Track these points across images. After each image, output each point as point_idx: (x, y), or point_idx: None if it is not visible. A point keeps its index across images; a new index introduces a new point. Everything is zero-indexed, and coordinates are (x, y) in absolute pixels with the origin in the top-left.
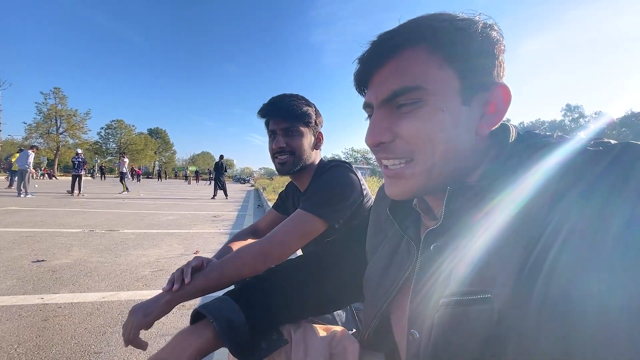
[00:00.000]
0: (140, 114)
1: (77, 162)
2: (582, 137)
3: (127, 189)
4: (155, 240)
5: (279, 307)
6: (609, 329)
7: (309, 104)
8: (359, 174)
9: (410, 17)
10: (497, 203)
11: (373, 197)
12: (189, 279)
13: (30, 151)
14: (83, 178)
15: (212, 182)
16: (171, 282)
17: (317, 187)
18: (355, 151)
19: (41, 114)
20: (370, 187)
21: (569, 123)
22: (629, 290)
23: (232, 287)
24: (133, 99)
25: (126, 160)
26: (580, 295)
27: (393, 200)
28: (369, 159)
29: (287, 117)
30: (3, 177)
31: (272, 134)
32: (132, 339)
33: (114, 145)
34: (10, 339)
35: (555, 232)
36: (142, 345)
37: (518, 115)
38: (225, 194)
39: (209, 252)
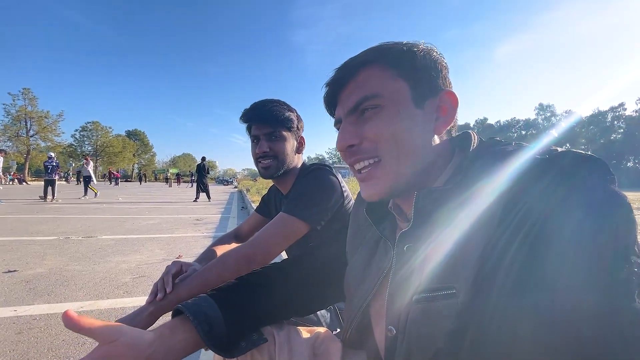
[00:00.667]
0: (117, 115)
1: (50, 167)
2: (535, 145)
3: (95, 192)
4: (135, 246)
5: (259, 308)
6: (556, 324)
7: (290, 109)
8: (339, 176)
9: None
10: (460, 205)
11: (354, 198)
12: (171, 287)
13: None
14: (57, 183)
15: (194, 185)
16: (154, 292)
17: (298, 190)
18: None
19: (9, 116)
20: (352, 188)
21: (541, 121)
22: (573, 290)
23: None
24: (110, 100)
25: (90, 162)
26: (528, 292)
27: (370, 202)
28: None
29: (269, 122)
30: None
31: (255, 139)
32: None
33: (89, 147)
34: None
35: (508, 232)
36: None
37: (495, 114)
38: (208, 197)
39: (191, 256)
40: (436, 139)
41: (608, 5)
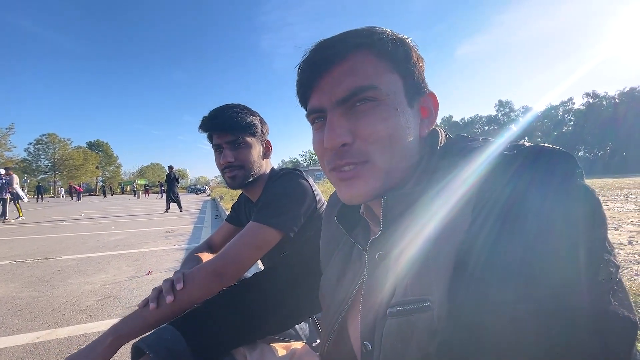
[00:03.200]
0: (76, 126)
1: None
2: (502, 140)
3: (19, 213)
4: (100, 264)
5: (229, 331)
6: (520, 333)
7: (252, 113)
8: (310, 180)
9: (351, 25)
10: (429, 208)
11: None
12: (172, 297)
13: None
14: (9, 202)
15: (164, 195)
16: (146, 300)
17: (268, 197)
18: (312, 153)
19: None
20: (328, 189)
21: (502, 117)
22: (553, 293)
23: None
24: (67, 111)
25: (14, 176)
26: (493, 300)
27: (341, 209)
28: None
29: (231, 129)
30: None
31: (217, 148)
32: None
33: (46, 162)
34: None
35: (480, 234)
36: None
37: (459, 111)
38: (179, 207)
39: (162, 271)
40: (419, 142)
41: (555, 8)
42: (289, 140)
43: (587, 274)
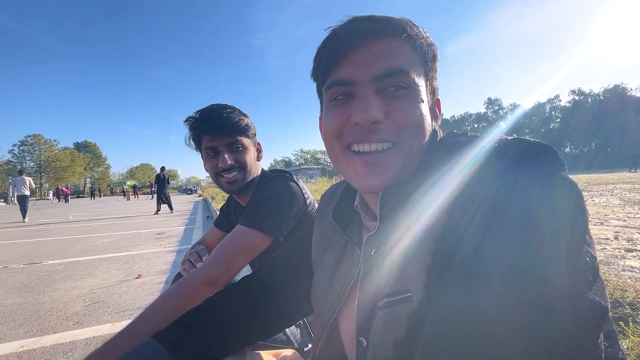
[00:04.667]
0: (63, 127)
1: None
2: (486, 135)
3: None
4: (88, 269)
5: (216, 340)
6: (515, 317)
7: (244, 114)
8: (300, 182)
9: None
10: (421, 203)
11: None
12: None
13: None
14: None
15: (155, 196)
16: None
17: (257, 200)
18: (304, 152)
19: None
20: (321, 187)
21: (491, 114)
22: (531, 280)
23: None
24: (53, 111)
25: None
26: (477, 292)
27: (336, 206)
28: (319, 159)
29: (229, 131)
30: None
31: (212, 151)
32: None
33: (32, 164)
34: None
35: (459, 226)
36: None
37: (449, 109)
38: (170, 208)
39: (153, 274)
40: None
41: (541, 8)
42: (280, 139)
43: (568, 264)
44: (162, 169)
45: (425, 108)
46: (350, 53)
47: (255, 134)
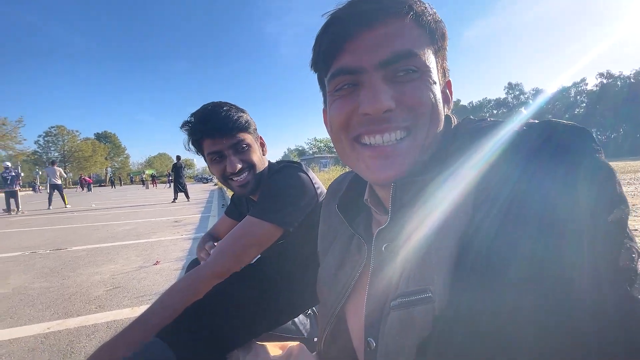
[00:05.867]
0: (84, 118)
1: (8, 177)
2: (511, 120)
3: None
4: (110, 255)
5: (221, 334)
6: (547, 320)
7: (242, 109)
8: (310, 172)
9: None
10: (438, 196)
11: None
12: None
13: None
14: (20, 194)
15: (172, 185)
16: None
17: (267, 191)
18: (318, 141)
19: None
20: (334, 176)
21: (511, 100)
22: (571, 279)
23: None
24: (74, 103)
25: (57, 168)
26: (513, 286)
27: (342, 197)
28: (332, 148)
29: (230, 131)
30: None
31: (216, 156)
32: None
33: (56, 154)
34: None
35: (485, 218)
36: None
37: (467, 96)
38: (187, 196)
39: (170, 260)
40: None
41: None
42: (294, 128)
43: (606, 262)
44: (178, 158)
45: (438, 91)
46: (353, 38)
47: (256, 129)
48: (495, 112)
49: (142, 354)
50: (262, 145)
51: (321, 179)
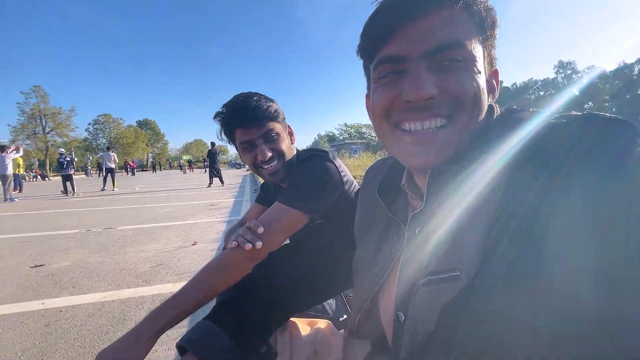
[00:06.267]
0: (126, 106)
1: (64, 162)
2: (550, 108)
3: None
4: (153, 235)
5: (264, 318)
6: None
7: (271, 99)
8: (337, 161)
9: None
10: (471, 183)
11: (354, 179)
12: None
13: (4, 154)
14: (74, 177)
15: (207, 170)
16: (234, 241)
17: (295, 179)
18: (348, 126)
19: (24, 115)
20: (364, 162)
21: (561, 80)
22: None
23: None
24: (117, 91)
25: (112, 154)
26: (539, 282)
27: (381, 182)
28: (363, 133)
29: (262, 121)
30: None
31: (247, 145)
32: None
33: (104, 140)
34: (14, 348)
35: (513, 208)
36: None
37: (511, 76)
38: (221, 181)
39: (207, 242)
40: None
41: None
42: (324, 114)
43: None
44: (213, 144)
45: (482, 80)
46: (401, 27)
47: (284, 118)
48: (541, 93)
49: (197, 336)
50: (291, 134)
51: (351, 165)
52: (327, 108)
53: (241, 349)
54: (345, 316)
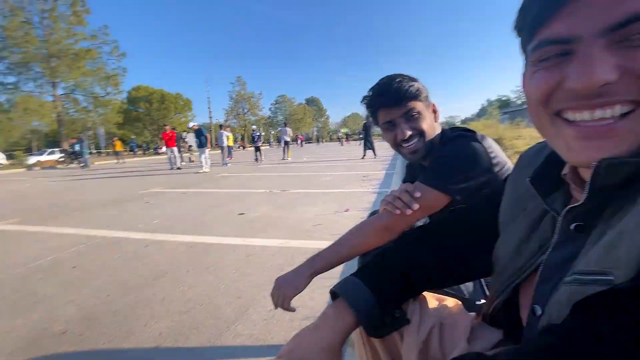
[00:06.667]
0: (296, 86)
1: (255, 137)
2: None
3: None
4: (315, 199)
5: (405, 286)
6: None
7: (414, 78)
8: (487, 141)
9: None
10: None
11: (507, 160)
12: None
13: (222, 131)
14: (262, 148)
15: (362, 143)
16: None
17: (438, 159)
18: None
19: (232, 100)
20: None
21: None
22: None
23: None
24: (290, 72)
25: (288, 129)
26: None
27: (537, 169)
28: None
29: (402, 101)
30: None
31: (389, 124)
32: (284, 306)
33: (281, 117)
34: (230, 268)
35: None
36: (292, 309)
37: None
38: (374, 153)
39: (358, 209)
40: None
41: None
42: (495, 73)
43: None
44: (367, 117)
45: None
46: (572, 1)
47: (427, 96)
48: None
49: (349, 287)
50: (434, 112)
51: (529, 137)
52: (498, 67)
53: (381, 308)
54: (483, 300)
